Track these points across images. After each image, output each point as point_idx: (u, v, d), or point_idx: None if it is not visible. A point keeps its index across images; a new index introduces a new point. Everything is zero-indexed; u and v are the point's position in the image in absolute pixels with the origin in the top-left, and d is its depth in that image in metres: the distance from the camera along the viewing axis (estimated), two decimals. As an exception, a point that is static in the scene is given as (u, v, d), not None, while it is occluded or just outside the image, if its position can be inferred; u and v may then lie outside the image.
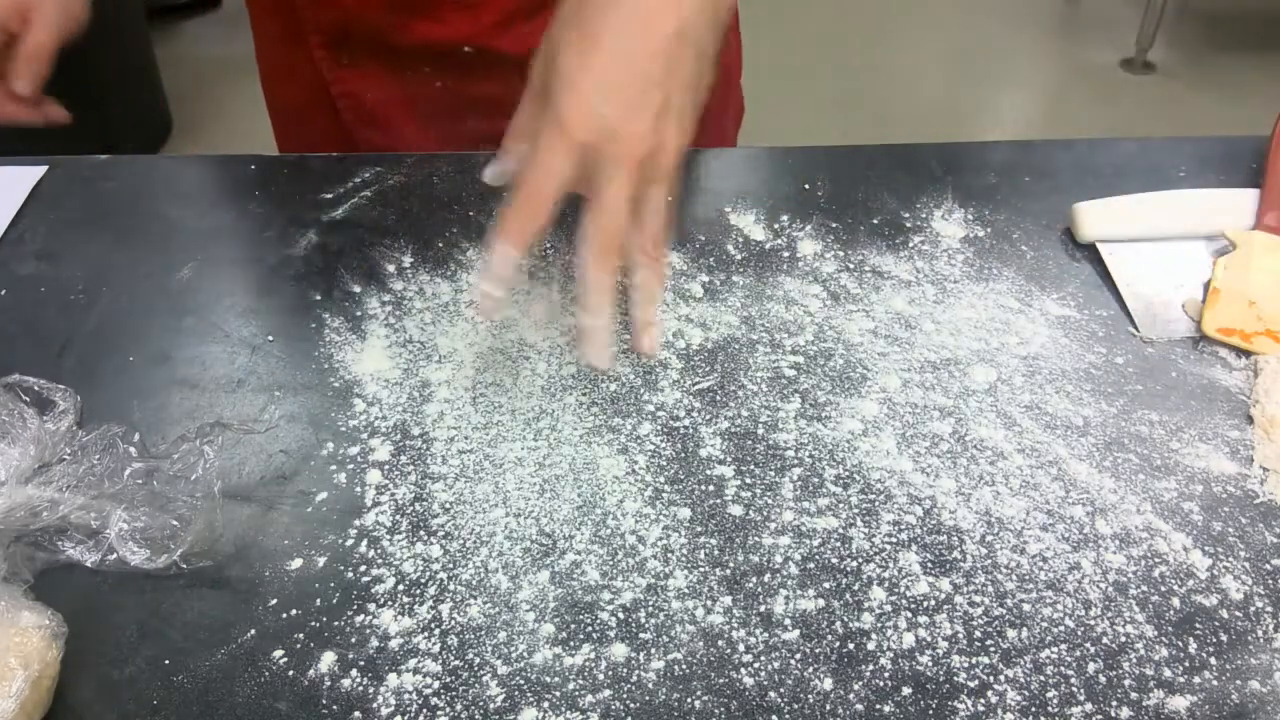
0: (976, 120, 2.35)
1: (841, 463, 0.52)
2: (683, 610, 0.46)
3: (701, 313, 0.61)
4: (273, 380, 0.57)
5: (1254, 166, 0.70)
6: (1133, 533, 0.49)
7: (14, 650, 0.40)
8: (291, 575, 0.47)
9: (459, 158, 0.73)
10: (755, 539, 0.49)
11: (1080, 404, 0.55)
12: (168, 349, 0.59)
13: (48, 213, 0.69)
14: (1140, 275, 0.63)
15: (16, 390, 0.52)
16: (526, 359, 0.58)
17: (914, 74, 2.48)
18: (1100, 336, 0.59)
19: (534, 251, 0.65)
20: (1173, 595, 0.46)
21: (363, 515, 0.50)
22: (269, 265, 0.64)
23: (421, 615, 0.45)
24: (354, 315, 0.61)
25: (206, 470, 0.50)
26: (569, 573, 0.47)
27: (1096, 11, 2.76)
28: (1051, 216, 0.67)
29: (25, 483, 0.47)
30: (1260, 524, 0.49)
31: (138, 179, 0.72)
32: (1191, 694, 0.43)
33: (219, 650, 0.44)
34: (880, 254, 0.65)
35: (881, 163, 0.72)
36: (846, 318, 0.60)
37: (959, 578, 0.47)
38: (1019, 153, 0.74)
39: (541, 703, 0.42)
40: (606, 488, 0.51)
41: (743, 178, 0.72)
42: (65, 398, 0.53)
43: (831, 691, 0.43)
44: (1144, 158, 0.72)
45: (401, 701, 0.42)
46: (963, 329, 0.59)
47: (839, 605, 0.46)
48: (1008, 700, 0.42)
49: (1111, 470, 0.52)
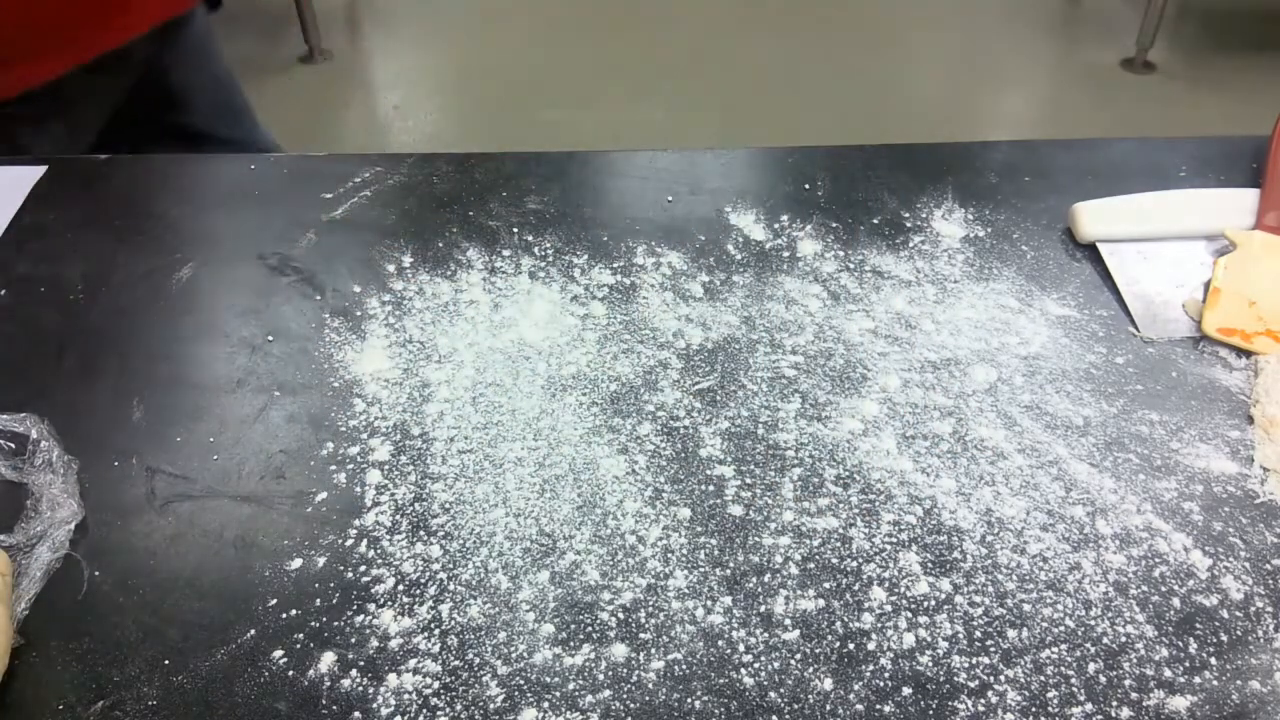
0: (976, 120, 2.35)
1: (842, 463, 0.52)
2: (683, 610, 0.46)
3: (701, 313, 0.61)
4: (272, 380, 0.57)
5: (1254, 166, 0.70)
6: (1133, 533, 0.49)
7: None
8: (291, 575, 0.47)
9: (459, 157, 0.73)
10: (755, 539, 0.49)
11: (1080, 404, 0.55)
12: (167, 349, 0.59)
13: (48, 213, 0.69)
14: (1140, 275, 0.63)
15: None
16: (526, 359, 0.58)
17: (914, 74, 2.48)
18: (1100, 336, 0.59)
19: (534, 251, 0.65)
20: (1173, 595, 0.46)
21: (362, 515, 0.50)
22: (269, 265, 0.64)
23: (421, 615, 0.45)
24: (354, 315, 0.61)
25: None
26: (569, 573, 0.47)
27: (1096, 11, 2.75)
28: (1051, 216, 0.67)
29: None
30: (1260, 524, 0.49)
31: (138, 179, 0.72)
32: (1192, 694, 0.43)
33: (219, 650, 0.44)
34: (880, 254, 0.65)
35: (881, 163, 0.72)
36: (846, 318, 0.60)
37: (959, 578, 0.47)
38: (1019, 153, 0.73)
39: (541, 703, 0.42)
40: (606, 488, 0.51)
41: (743, 178, 0.72)
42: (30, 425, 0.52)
43: (831, 692, 0.43)
44: (1144, 158, 0.72)
45: (401, 702, 0.42)
46: (963, 329, 0.59)
47: (839, 605, 0.46)
48: (1008, 700, 0.42)
49: (1112, 470, 0.51)
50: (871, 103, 2.35)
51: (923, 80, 2.45)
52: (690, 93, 2.38)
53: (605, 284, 0.63)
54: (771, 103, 2.34)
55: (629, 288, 0.62)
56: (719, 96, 2.35)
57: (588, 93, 2.38)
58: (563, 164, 0.73)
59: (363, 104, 2.39)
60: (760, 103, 2.34)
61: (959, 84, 2.45)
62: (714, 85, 2.39)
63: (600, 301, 0.61)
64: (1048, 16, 2.75)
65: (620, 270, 0.64)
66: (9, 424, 0.53)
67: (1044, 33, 2.67)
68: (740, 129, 2.24)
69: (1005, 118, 2.39)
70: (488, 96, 2.39)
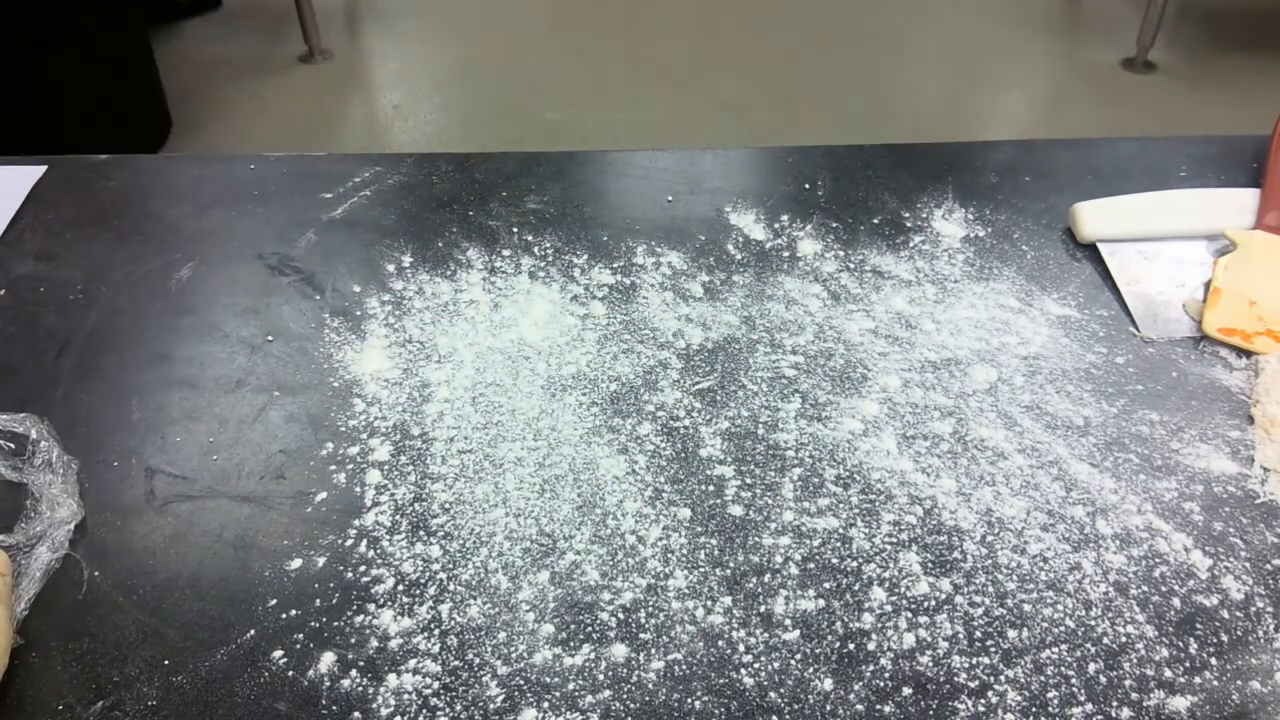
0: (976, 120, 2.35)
1: (842, 463, 0.52)
2: (683, 610, 0.46)
3: (701, 313, 0.61)
4: (272, 380, 0.57)
5: (1254, 166, 0.70)
6: (1133, 533, 0.49)
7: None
8: (291, 575, 0.47)
9: (459, 157, 0.73)
10: (755, 539, 0.48)
11: (1081, 404, 0.55)
12: (167, 349, 0.59)
13: (47, 213, 0.69)
14: (1140, 275, 0.62)
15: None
16: (526, 359, 0.58)
17: (914, 74, 2.47)
18: (1100, 336, 0.59)
19: (534, 251, 0.65)
20: (1173, 595, 0.46)
21: (362, 515, 0.50)
22: (269, 265, 0.64)
23: (421, 615, 0.45)
24: (354, 315, 0.61)
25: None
26: (569, 573, 0.47)
27: (1096, 11, 2.75)
28: (1051, 216, 0.67)
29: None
30: (1261, 524, 0.49)
31: (138, 179, 0.72)
32: (1192, 694, 0.43)
33: (219, 650, 0.44)
34: (880, 254, 0.65)
35: (881, 163, 0.72)
36: (847, 317, 0.60)
37: (959, 578, 0.47)
38: (1019, 153, 0.73)
39: (541, 703, 0.42)
40: (606, 488, 0.51)
41: (743, 178, 0.72)
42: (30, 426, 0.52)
43: (832, 692, 0.43)
44: (1144, 158, 0.72)
45: (401, 702, 0.42)
46: (963, 329, 0.59)
47: (839, 605, 0.46)
48: (1008, 700, 0.42)
49: (1112, 470, 0.51)
50: (871, 103, 2.34)
51: (923, 80, 2.45)
52: (690, 93, 2.37)
53: (605, 284, 0.63)
54: (771, 103, 2.34)
55: (629, 288, 0.62)
56: (719, 96, 2.35)
57: (588, 93, 2.38)
58: (563, 164, 0.73)
59: (363, 104, 2.39)
60: (760, 103, 2.34)
61: (959, 84, 2.44)
62: (714, 85, 2.39)
63: (600, 301, 0.61)
64: (1048, 16, 2.74)
65: (620, 270, 0.64)
66: (9, 424, 0.53)
67: (1044, 33, 2.67)
68: (740, 129, 2.24)
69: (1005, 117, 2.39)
70: (488, 96, 2.39)
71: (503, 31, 2.64)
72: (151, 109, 2.18)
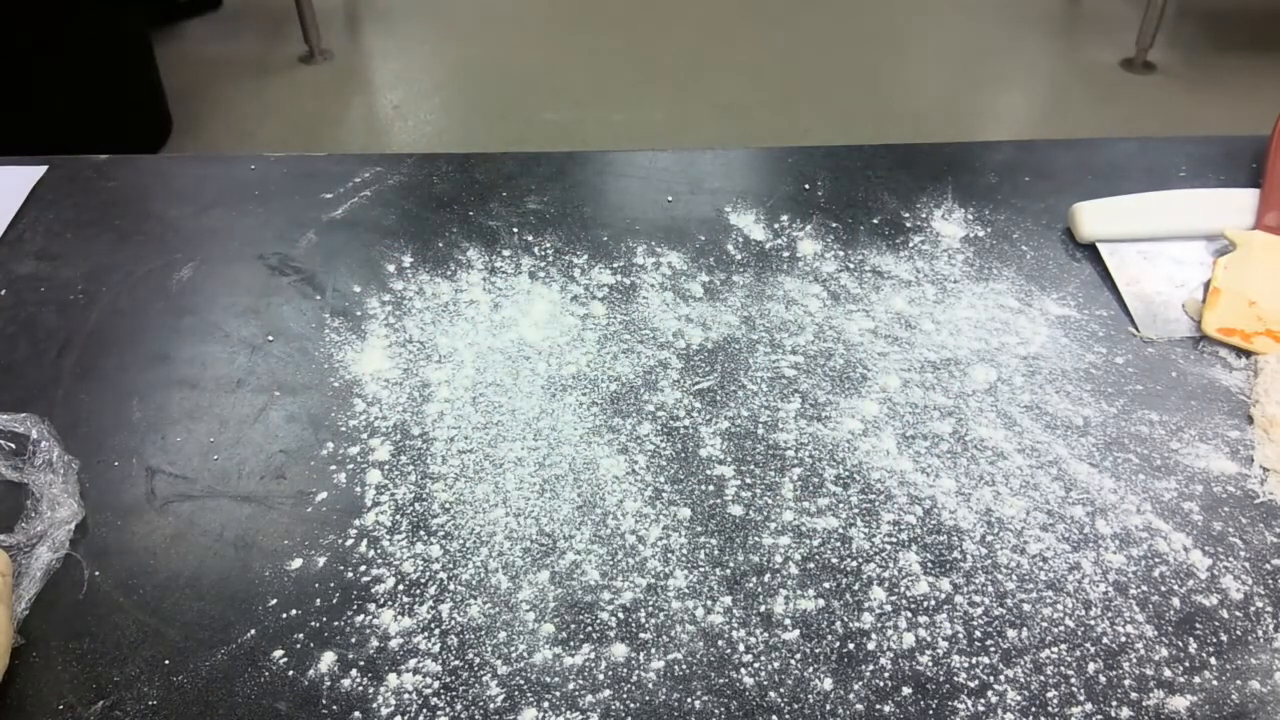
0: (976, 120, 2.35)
1: (841, 463, 0.52)
2: (683, 610, 0.46)
3: (701, 313, 0.61)
4: (272, 380, 0.57)
5: (1254, 166, 0.70)
6: (1133, 533, 0.49)
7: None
8: (291, 575, 0.47)
9: (459, 158, 0.73)
10: (755, 539, 0.49)
11: (1080, 404, 0.55)
12: (167, 349, 0.59)
13: (47, 213, 0.69)
14: (1140, 275, 0.63)
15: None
16: (526, 359, 0.58)
17: (914, 74, 2.47)
18: (1100, 336, 0.59)
19: (534, 251, 0.65)
20: (1173, 595, 0.46)
21: (363, 515, 0.50)
22: (269, 265, 0.64)
23: (421, 615, 0.45)
24: (354, 315, 0.61)
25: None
26: (569, 573, 0.47)
27: (1096, 11, 2.75)
28: (1051, 216, 0.67)
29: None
30: (1260, 524, 0.49)
31: (138, 179, 0.72)
32: (1192, 694, 0.43)
33: (219, 650, 0.44)
34: (880, 254, 0.65)
35: (881, 163, 0.72)
36: (846, 318, 0.60)
37: (959, 578, 0.47)
38: (1019, 153, 0.74)
39: (541, 703, 0.42)
40: (606, 488, 0.51)
41: (743, 178, 0.72)
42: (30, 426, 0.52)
43: (831, 691, 0.43)
44: (1144, 158, 0.72)
45: (401, 701, 0.42)
46: (963, 329, 0.59)
47: (839, 605, 0.46)
48: (1008, 700, 0.42)
49: (1111, 470, 0.52)
50: (871, 103, 2.34)
51: (923, 80, 2.45)
52: (690, 93, 2.37)
53: (605, 284, 0.63)
54: (771, 103, 2.34)
55: (629, 288, 0.62)
56: (719, 96, 2.35)
57: (588, 93, 2.38)
58: (563, 164, 0.73)
59: (363, 104, 2.39)
60: (760, 103, 2.34)
61: (959, 84, 2.44)
62: (714, 85, 2.39)
63: (600, 301, 0.61)
64: (1048, 16, 2.74)
65: (620, 270, 0.64)
66: (9, 424, 0.53)
67: (1044, 33, 2.67)
68: (740, 129, 2.24)
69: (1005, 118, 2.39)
70: (488, 96, 2.39)
71: (503, 31, 2.64)
72: (152, 109, 2.18)
